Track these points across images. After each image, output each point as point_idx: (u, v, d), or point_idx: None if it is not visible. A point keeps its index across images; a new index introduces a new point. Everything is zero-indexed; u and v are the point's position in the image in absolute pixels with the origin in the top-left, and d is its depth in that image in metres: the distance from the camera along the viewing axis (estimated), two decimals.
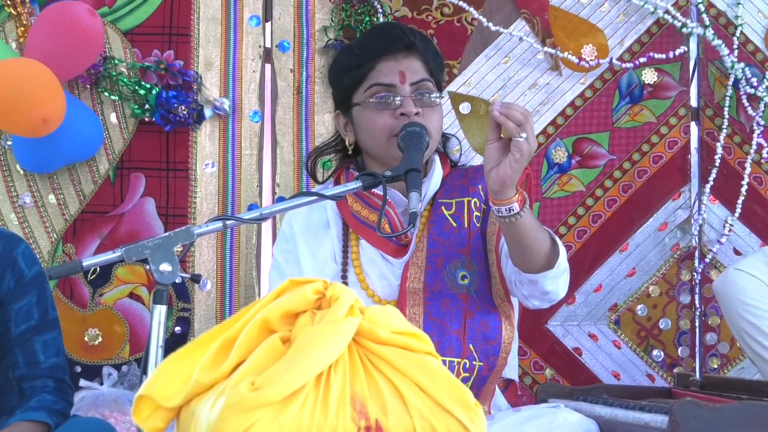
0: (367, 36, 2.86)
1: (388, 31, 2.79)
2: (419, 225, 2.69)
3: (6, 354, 2.72)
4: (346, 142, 2.76)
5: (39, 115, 2.98)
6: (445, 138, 2.85)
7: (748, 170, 3.50)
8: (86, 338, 3.38)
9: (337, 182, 2.78)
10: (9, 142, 3.35)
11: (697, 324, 3.54)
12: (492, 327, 2.62)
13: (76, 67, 3.21)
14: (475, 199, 2.70)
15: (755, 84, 3.46)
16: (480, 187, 2.71)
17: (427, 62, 2.73)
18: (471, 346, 2.59)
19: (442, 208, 2.69)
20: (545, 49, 3.47)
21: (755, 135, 3.49)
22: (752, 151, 3.50)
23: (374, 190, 2.55)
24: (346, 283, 2.65)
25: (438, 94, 2.71)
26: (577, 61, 3.47)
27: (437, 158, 2.75)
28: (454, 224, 2.68)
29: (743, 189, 3.48)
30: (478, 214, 2.70)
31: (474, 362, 2.58)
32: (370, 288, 2.67)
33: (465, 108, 3.48)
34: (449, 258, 2.64)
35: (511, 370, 2.73)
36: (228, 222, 2.16)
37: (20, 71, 3.01)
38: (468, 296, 2.62)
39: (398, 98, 2.65)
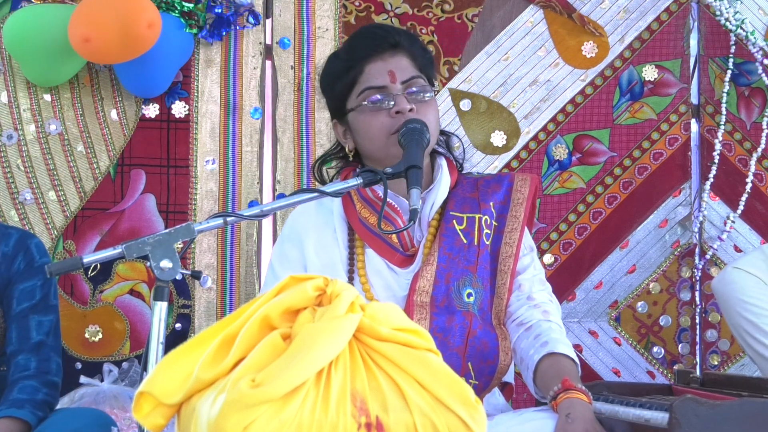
0: (351, 40, 2.82)
1: (371, 32, 2.76)
2: (427, 234, 2.68)
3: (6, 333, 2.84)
4: (346, 149, 2.74)
5: (145, 25, 3.00)
6: (446, 136, 2.83)
7: (753, 168, 3.49)
8: (87, 335, 3.38)
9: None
10: (10, 139, 3.36)
11: (697, 321, 3.54)
12: (491, 348, 2.61)
13: None
14: (486, 217, 2.68)
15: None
16: (491, 204, 2.69)
17: (415, 59, 2.69)
18: (470, 364, 2.58)
19: (454, 221, 2.67)
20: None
21: (764, 134, 3.49)
22: (760, 150, 3.50)
23: (387, 199, 2.55)
24: None
25: (431, 91, 2.68)
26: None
27: (444, 163, 2.72)
28: (465, 240, 2.66)
29: (747, 187, 3.48)
30: (488, 232, 2.68)
31: (470, 380, 2.57)
32: (375, 298, 2.64)
33: (465, 105, 3.50)
34: (458, 275, 2.63)
35: (508, 374, 2.73)
36: (228, 219, 2.16)
37: None
38: (472, 315, 2.61)
39: (391, 98, 2.63)
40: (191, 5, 3.32)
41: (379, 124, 2.61)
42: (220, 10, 3.33)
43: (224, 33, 3.36)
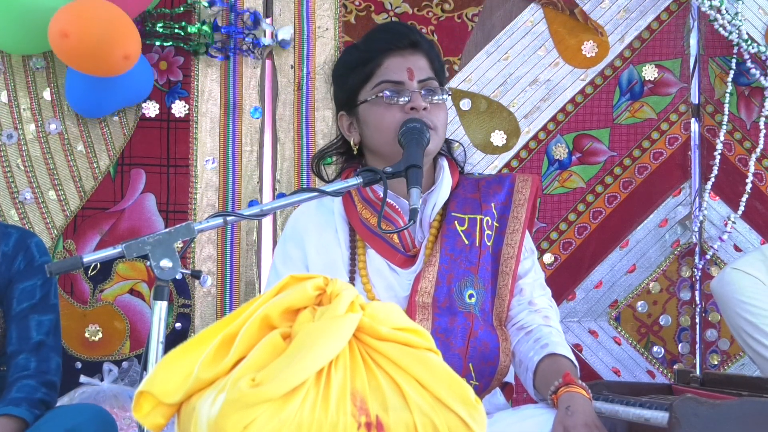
0: (371, 33, 2.83)
1: (393, 27, 2.78)
2: (429, 235, 2.67)
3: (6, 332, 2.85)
4: (351, 143, 2.72)
5: (121, 54, 2.98)
6: (449, 143, 2.82)
7: (752, 168, 3.49)
8: (87, 334, 3.38)
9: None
10: (10, 138, 3.36)
11: (697, 320, 3.54)
12: (492, 348, 2.61)
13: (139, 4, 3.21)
14: (488, 218, 2.68)
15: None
16: (493, 205, 2.69)
17: (432, 62, 2.70)
18: (471, 365, 2.58)
19: (455, 222, 2.66)
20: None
21: (761, 134, 3.49)
22: (759, 149, 3.50)
23: (388, 200, 2.56)
24: None
25: (443, 94, 2.68)
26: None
27: (446, 164, 2.72)
28: (466, 241, 2.66)
29: (748, 187, 3.48)
30: (490, 233, 2.68)
31: (471, 381, 2.56)
32: (377, 298, 2.63)
33: (465, 104, 3.50)
34: (459, 276, 2.62)
35: (509, 374, 2.72)
36: (228, 218, 2.16)
37: (99, 11, 3.00)
38: (474, 315, 2.61)
39: (406, 94, 2.63)
40: (196, 27, 3.32)
41: (391, 118, 2.61)
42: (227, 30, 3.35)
43: (231, 50, 3.38)
